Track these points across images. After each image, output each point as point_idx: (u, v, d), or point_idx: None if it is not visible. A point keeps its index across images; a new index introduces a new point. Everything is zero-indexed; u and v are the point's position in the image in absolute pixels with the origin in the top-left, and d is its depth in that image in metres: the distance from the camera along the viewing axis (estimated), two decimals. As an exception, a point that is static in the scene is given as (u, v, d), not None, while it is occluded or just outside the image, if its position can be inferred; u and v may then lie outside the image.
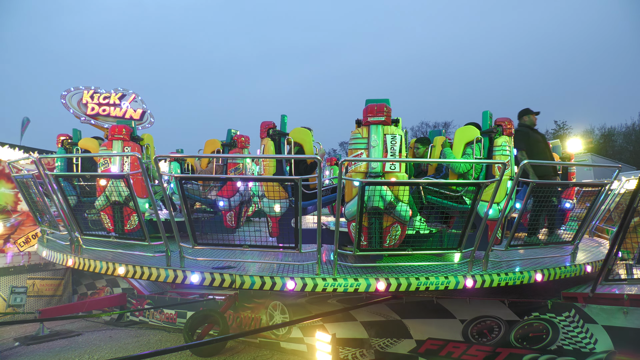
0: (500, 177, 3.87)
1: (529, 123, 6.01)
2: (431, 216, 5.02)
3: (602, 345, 4.55)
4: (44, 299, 11.22)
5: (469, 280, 3.95)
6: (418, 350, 5.85)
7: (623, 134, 41.07)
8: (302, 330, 7.16)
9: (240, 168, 6.44)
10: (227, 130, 6.91)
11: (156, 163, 3.85)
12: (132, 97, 13.65)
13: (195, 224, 4.26)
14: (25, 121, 14.96)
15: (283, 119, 5.31)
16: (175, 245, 4.18)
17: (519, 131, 5.85)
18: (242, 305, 8.22)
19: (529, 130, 5.94)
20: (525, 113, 6.08)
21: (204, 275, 4.01)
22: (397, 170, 4.08)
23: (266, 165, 5.04)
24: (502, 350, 5.22)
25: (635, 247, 4.92)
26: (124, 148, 5.30)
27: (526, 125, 5.99)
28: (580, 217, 5.11)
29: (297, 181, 3.71)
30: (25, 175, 5.67)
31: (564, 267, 4.53)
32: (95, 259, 4.62)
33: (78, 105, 12.98)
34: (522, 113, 6.12)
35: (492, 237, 4.17)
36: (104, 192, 5.09)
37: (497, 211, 4.56)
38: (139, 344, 8.33)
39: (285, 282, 3.86)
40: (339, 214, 3.84)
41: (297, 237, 3.95)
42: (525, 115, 6.05)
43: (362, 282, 3.84)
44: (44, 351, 7.94)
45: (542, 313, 4.95)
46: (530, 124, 6.02)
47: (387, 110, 4.10)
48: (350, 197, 4.20)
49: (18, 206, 11.35)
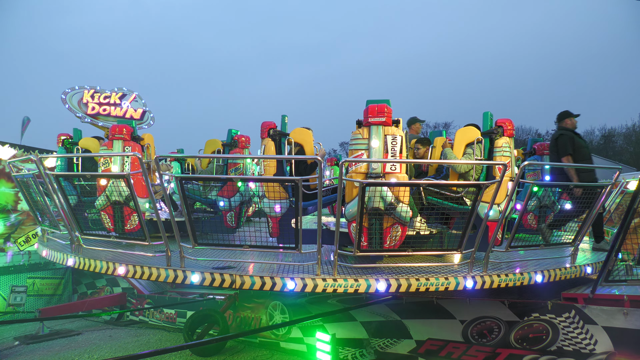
0: (501, 178, 3.86)
1: (571, 127, 5.63)
2: (431, 217, 5.02)
3: (602, 346, 4.55)
4: (44, 298, 11.23)
5: (469, 281, 3.95)
6: (418, 350, 5.85)
7: (623, 135, 41.09)
8: (302, 330, 7.16)
9: (241, 168, 6.44)
10: (228, 131, 6.90)
11: (156, 163, 3.85)
12: (133, 96, 13.63)
13: (195, 224, 4.26)
14: (25, 120, 14.96)
15: (283, 119, 5.31)
16: (176, 245, 4.18)
17: (564, 135, 5.49)
18: (242, 305, 8.22)
19: (573, 134, 5.59)
20: (567, 116, 5.67)
21: (204, 275, 4.01)
22: (397, 171, 4.09)
23: (267, 166, 5.04)
24: (502, 350, 5.22)
25: (636, 248, 4.91)
26: (125, 148, 5.30)
27: (569, 130, 5.62)
28: (581, 219, 5.11)
29: (297, 181, 3.71)
30: (26, 175, 5.67)
31: (564, 268, 4.53)
32: (96, 259, 4.62)
33: (78, 104, 12.96)
34: (563, 116, 5.71)
35: (492, 238, 4.17)
36: (105, 191, 5.09)
37: (498, 212, 4.56)
38: (138, 343, 8.34)
39: (285, 283, 3.86)
40: (339, 215, 3.84)
41: (298, 238, 3.95)
42: (568, 118, 5.66)
43: (362, 283, 3.84)
44: (44, 350, 7.94)
45: (542, 314, 4.95)
46: (572, 128, 5.64)
47: (387, 111, 4.11)
48: (350, 198, 4.20)
49: (18, 205, 11.35)
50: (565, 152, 5.45)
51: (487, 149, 4.98)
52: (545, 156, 6.47)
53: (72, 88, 13.06)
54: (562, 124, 5.73)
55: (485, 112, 5.12)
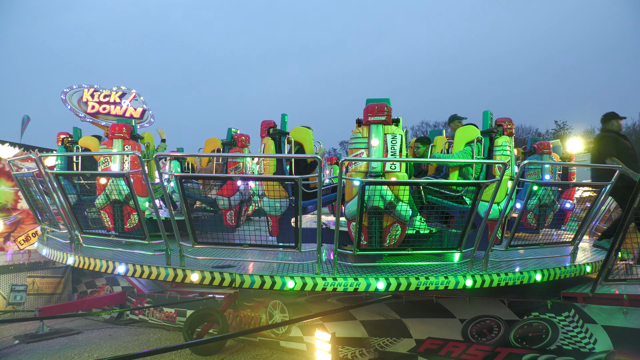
0: (501, 177, 3.86)
1: (616, 129, 5.59)
2: (431, 216, 5.02)
3: (602, 345, 4.55)
4: (44, 297, 11.25)
5: (468, 280, 3.95)
6: (418, 349, 5.85)
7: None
8: (301, 329, 7.17)
9: (241, 167, 6.44)
10: (228, 129, 6.90)
11: (156, 162, 3.85)
12: (133, 95, 13.64)
13: (195, 222, 4.26)
14: (25, 119, 14.95)
15: (283, 118, 5.31)
16: (175, 244, 4.18)
17: (608, 137, 5.45)
18: (242, 304, 8.23)
19: (618, 136, 5.55)
20: (612, 117, 5.64)
21: (204, 274, 4.01)
22: (397, 170, 4.08)
23: (266, 165, 5.04)
24: (502, 349, 5.23)
25: (635, 247, 4.92)
26: (124, 147, 5.30)
27: (614, 131, 5.59)
28: (581, 218, 5.10)
29: (297, 180, 3.71)
30: (26, 174, 5.67)
31: (563, 267, 4.53)
32: (95, 258, 4.62)
33: (78, 103, 12.98)
34: (608, 117, 5.64)
35: (492, 237, 4.17)
36: (104, 190, 5.09)
37: (497, 211, 4.56)
38: (138, 342, 8.34)
39: (285, 282, 3.86)
40: (339, 214, 3.84)
41: (297, 237, 3.95)
42: (613, 120, 5.62)
43: (362, 282, 3.84)
44: (44, 349, 7.95)
45: (541, 313, 4.95)
46: (618, 130, 5.59)
47: (387, 110, 4.10)
48: (350, 197, 4.20)
49: (18, 204, 11.36)
50: (608, 152, 5.35)
51: (487, 148, 4.97)
52: (545, 155, 6.46)
53: (72, 87, 13.07)
54: (607, 125, 5.65)
55: (485, 111, 5.12)
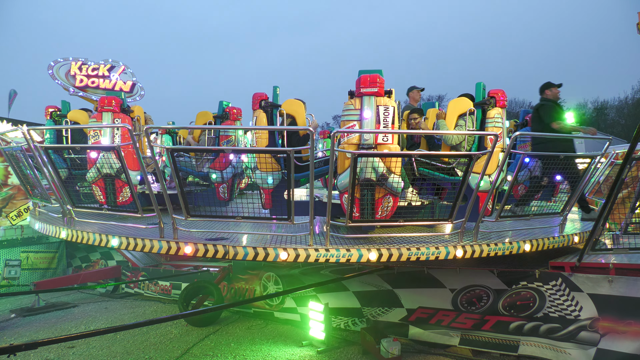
0: (492, 149, 3.87)
1: (552, 97, 5.69)
2: (423, 188, 5.05)
3: (587, 312, 4.69)
4: (39, 272, 11.29)
5: (459, 251, 4.01)
6: (409, 318, 5.99)
7: (616, 108, 41.14)
8: (295, 301, 7.29)
9: (233, 140, 6.39)
10: (219, 102, 6.81)
11: (147, 134, 3.81)
12: (122, 69, 13.36)
13: (187, 197, 4.25)
14: (12, 94, 14.66)
15: (275, 91, 5.24)
16: (169, 217, 4.18)
17: (546, 105, 5.58)
18: (236, 276, 8.32)
19: (554, 103, 5.64)
20: (548, 87, 5.74)
21: (197, 247, 4.03)
22: (389, 142, 4.08)
23: (258, 137, 5.01)
24: (490, 317, 5.37)
25: (623, 218, 5.00)
26: (114, 120, 5.23)
27: (550, 100, 5.70)
28: (570, 189, 5.17)
29: (289, 153, 3.70)
30: (14, 148, 5.60)
31: (552, 238, 4.61)
32: (89, 231, 4.62)
33: (66, 76, 12.70)
34: (545, 87, 5.78)
35: (482, 209, 4.21)
36: (95, 164, 5.05)
37: (488, 183, 4.60)
38: (134, 314, 8.45)
39: (278, 253, 3.90)
40: (331, 186, 3.85)
41: (290, 209, 3.97)
42: (548, 90, 5.72)
43: (354, 253, 3.89)
44: (40, 322, 8.04)
45: (529, 282, 5.06)
46: (554, 98, 5.70)
47: (380, 81, 4.06)
48: (342, 169, 4.20)
49: (9, 179, 11.26)
50: (550, 118, 5.49)
51: (479, 119, 4.97)
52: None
53: (58, 60, 12.76)
54: (543, 95, 5.80)
55: (478, 83, 5.09)
